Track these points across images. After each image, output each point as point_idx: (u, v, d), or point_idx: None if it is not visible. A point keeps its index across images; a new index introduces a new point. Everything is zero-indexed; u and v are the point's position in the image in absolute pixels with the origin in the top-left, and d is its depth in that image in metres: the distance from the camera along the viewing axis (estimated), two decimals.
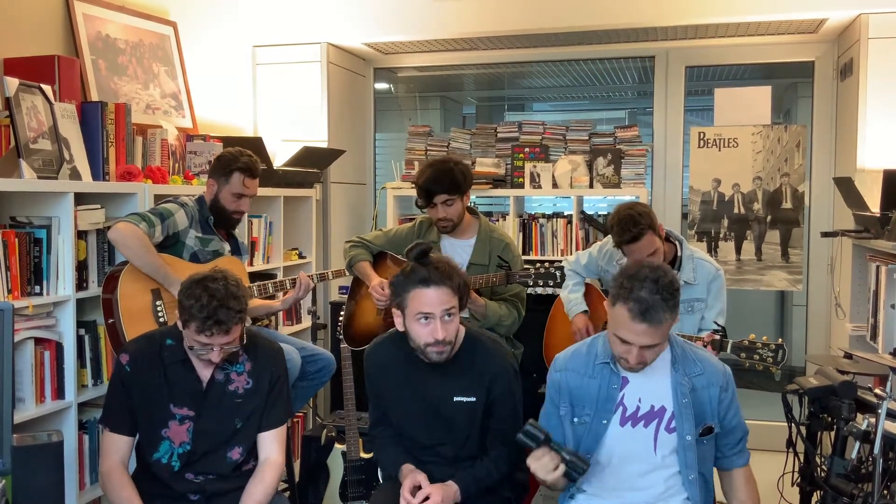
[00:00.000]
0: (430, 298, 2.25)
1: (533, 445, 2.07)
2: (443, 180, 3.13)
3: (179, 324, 2.29)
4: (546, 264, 2.95)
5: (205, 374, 2.36)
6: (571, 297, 3.38)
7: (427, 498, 2.26)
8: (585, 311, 3.34)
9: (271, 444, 2.41)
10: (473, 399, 2.37)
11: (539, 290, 2.93)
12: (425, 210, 3.27)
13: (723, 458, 2.27)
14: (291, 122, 4.61)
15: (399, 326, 2.36)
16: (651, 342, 2.06)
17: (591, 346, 2.29)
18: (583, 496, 2.22)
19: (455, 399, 2.37)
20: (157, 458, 2.32)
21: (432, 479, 2.35)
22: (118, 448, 2.32)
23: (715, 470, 2.29)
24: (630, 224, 2.91)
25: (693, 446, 2.16)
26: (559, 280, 2.97)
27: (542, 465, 2.05)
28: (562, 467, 2.04)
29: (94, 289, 2.90)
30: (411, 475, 2.33)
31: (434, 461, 2.44)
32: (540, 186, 4.56)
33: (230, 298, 2.22)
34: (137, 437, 2.38)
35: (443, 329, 2.25)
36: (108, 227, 2.80)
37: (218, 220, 3.06)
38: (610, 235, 3.22)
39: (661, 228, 3.07)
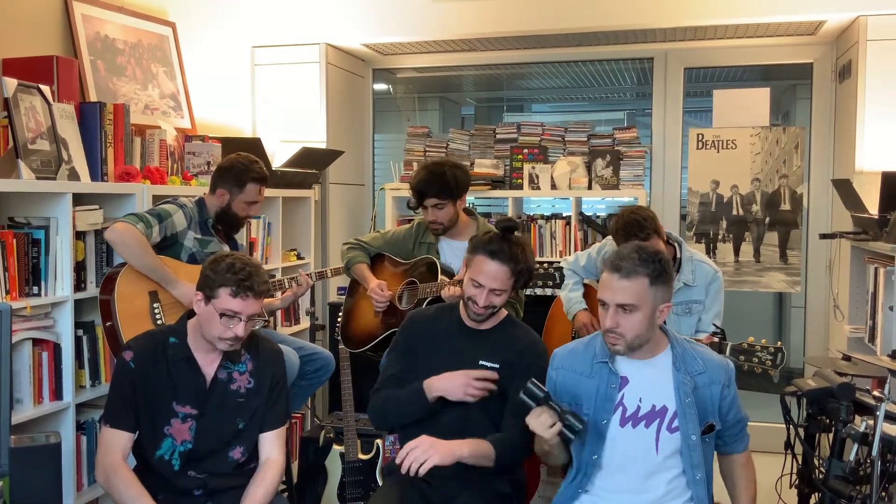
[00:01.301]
0: (487, 271, 2.41)
1: (533, 404, 2.11)
2: (434, 183, 3.12)
3: (200, 304, 2.28)
4: (545, 265, 2.95)
5: (208, 371, 2.35)
6: (571, 296, 3.38)
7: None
8: (586, 309, 3.35)
9: (272, 445, 2.41)
10: (497, 365, 2.46)
11: (538, 292, 2.93)
12: (417, 211, 3.27)
13: (723, 445, 2.29)
14: (290, 123, 4.61)
15: (460, 275, 2.56)
16: (622, 300, 2.09)
17: (589, 344, 2.29)
18: (586, 496, 2.21)
19: (480, 361, 2.48)
20: (160, 456, 2.31)
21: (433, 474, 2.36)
22: (120, 444, 2.28)
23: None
24: (636, 229, 2.92)
25: (699, 446, 2.17)
26: (558, 281, 2.97)
27: (541, 422, 2.09)
28: (558, 424, 2.07)
29: (92, 289, 2.90)
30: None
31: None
32: (538, 188, 4.56)
33: (259, 269, 2.31)
34: (137, 434, 2.35)
35: (486, 299, 2.43)
36: (106, 228, 2.80)
37: (226, 225, 3.07)
38: (609, 237, 3.23)
39: (662, 232, 3.07)
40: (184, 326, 2.38)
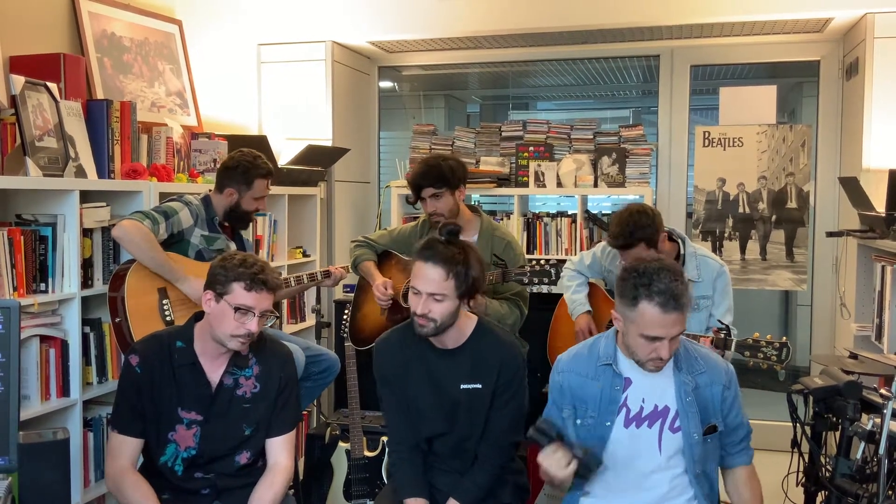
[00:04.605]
0: (422, 275, 2.31)
1: (545, 442, 2.06)
2: (429, 174, 3.14)
3: (210, 302, 2.25)
4: (542, 262, 2.93)
5: (213, 377, 2.33)
6: (575, 298, 3.38)
7: None
8: (588, 312, 3.34)
9: (280, 450, 2.38)
10: (479, 386, 2.39)
11: (535, 289, 2.91)
12: (417, 206, 3.28)
13: (726, 456, 2.27)
14: (296, 121, 4.61)
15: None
16: (680, 329, 2.07)
17: (593, 347, 2.29)
18: (587, 499, 2.22)
19: (462, 387, 2.40)
20: (164, 462, 2.30)
21: (437, 487, 2.43)
22: (128, 450, 2.26)
23: (718, 469, 2.29)
24: (633, 229, 2.92)
25: (700, 444, 2.16)
26: (554, 278, 2.97)
27: (556, 460, 2.04)
28: (574, 464, 2.03)
29: (99, 286, 2.91)
30: None
31: (438, 465, 2.47)
32: (544, 185, 4.56)
33: (268, 265, 2.30)
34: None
35: (423, 306, 2.29)
36: (113, 225, 2.81)
37: (235, 222, 3.09)
38: None
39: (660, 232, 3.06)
40: (191, 330, 2.34)
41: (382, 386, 2.50)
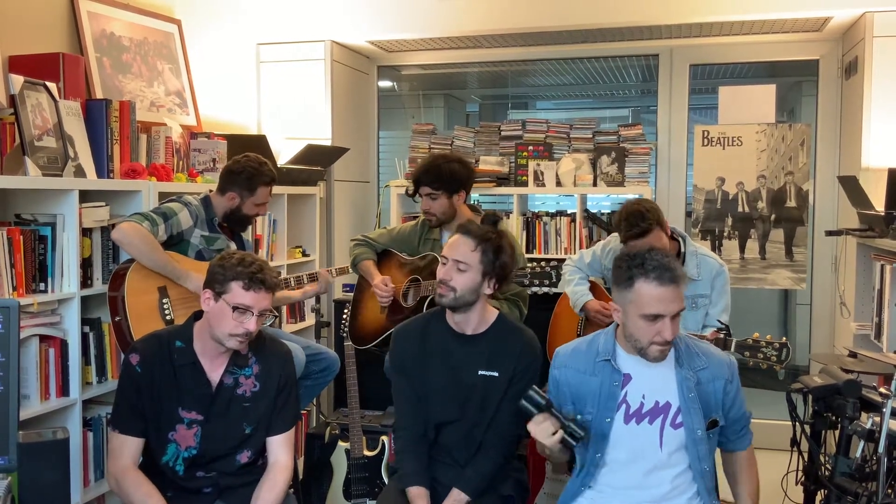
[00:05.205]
0: (452, 244, 2.42)
1: (535, 412, 2.09)
2: (429, 173, 3.17)
3: (209, 301, 2.25)
4: (542, 263, 2.94)
5: (214, 377, 2.33)
6: (577, 290, 3.36)
7: None
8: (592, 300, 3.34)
9: (280, 448, 2.38)
10: (496, 374, 2.43)
11: (535, 290, 2.92)
12: (417, 200, 3.30)
13: (726, 441, 2.29)
14: (295, 120, 4.61)
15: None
16: (679, 307, 2.08)
17: (592, 343, 2.29)
18: (589, 492, 2.22)
19: (479, 372, 2.44)
20: (165, 461, 2.29)
21: (439, 481, 2.44)
22: (129, 450, 2.26)
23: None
24: (638, 219, 2.93)
25: (704, 440, 2.17)
26: (554, 280, 2.97)
27: (543, 429, 2.08)
28: (560, 432, 2.07)
29: (98, 286, 2.91)
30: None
31: (442, 459, 2.48)
32: (543, 185, 4.56)
33: (268, 264, 2.31)
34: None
35: (446, 272, 2.38)
36: (113, 226, 2.80)
37: (234, 224, 3.10)
38: (613, 234, 3.22)
39: (666, 226, 3.07)
40: (190, 330, 2.34)
41: (397, 372, 2.53)
